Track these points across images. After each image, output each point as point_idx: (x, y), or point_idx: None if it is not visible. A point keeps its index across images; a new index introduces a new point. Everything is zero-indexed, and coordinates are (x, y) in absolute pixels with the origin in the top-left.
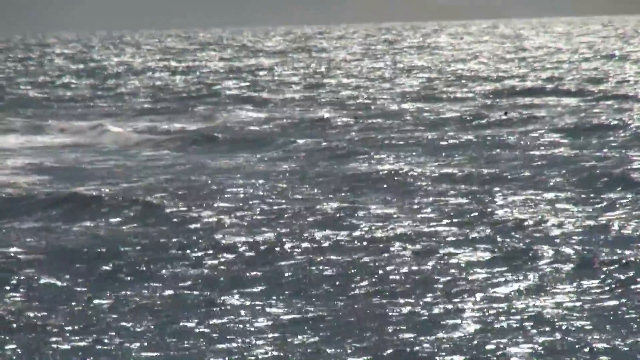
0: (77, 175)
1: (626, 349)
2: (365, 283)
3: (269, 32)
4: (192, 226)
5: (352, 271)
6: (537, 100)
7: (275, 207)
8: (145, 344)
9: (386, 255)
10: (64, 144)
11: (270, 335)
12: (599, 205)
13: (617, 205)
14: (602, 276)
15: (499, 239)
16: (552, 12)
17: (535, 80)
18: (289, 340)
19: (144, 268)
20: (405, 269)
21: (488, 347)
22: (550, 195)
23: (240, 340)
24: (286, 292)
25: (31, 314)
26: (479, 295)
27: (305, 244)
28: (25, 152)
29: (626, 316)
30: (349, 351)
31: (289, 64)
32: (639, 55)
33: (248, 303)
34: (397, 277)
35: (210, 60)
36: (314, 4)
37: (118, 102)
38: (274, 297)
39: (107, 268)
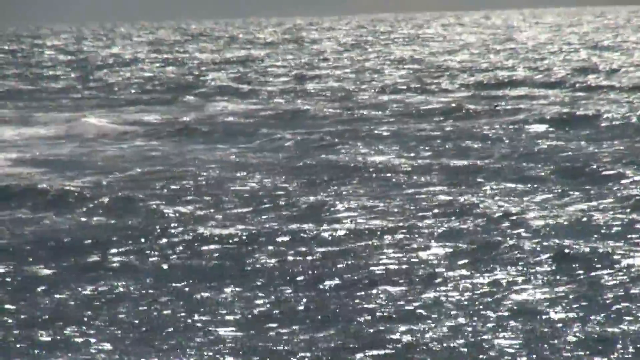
0: (57, 168)
1: (601, 339)
2: (344, 274)
3: (261, 23)
4: (172, 217)
5: (331, 263)
6: (524, 92)
7: (256, 199)
8: (126, 334)
9: (366, 246)
10: (46, 136)
11: (248, 326)
12: (580, 198)
13: (598, 198)
14: (580, 268)
15: (480, 231)
16: (546, 2)
17: (523, 72)
18: (268, 331)
19: (124, 259)
20: (385, 260)
21: (469, 338)
22: (532, 187)
23: (217, 332)
24: (266, 283)
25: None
26: (459, 286)
27: (285, 236)
28: (13, 144)
29: (602, 307)
30: (324, 341)
31: (278, 56)
32: (629, 45)
33: (226, 294)
34: (377, 269)
35: (201, 51)
36: None
37: (105, 93)
38: (253, 288)
39: (86, 260)
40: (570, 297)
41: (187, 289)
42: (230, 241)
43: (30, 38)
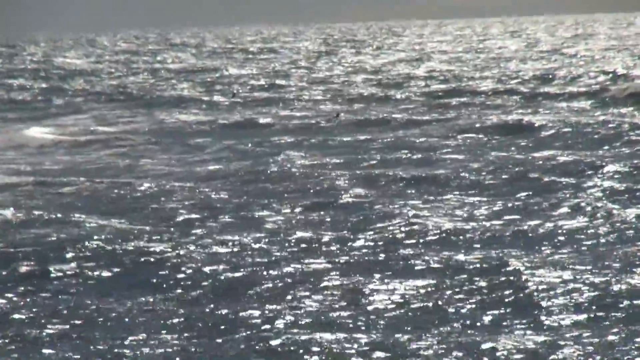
0: None
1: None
2: (266, 284)
3: (243, 32)
4: (89, 230)
5: (252, 273)
6: (476, 100)
7: (183, 211)
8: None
9: (293, 256)
10: None
11: (167, 337)
12: (515, 208)
13: (535, 208)
14: (511, 279)
15: (414, 243)
16: (562, 9)
17: (480, 81)
18: (184, 342)
19: (33, 279)
20: (308, 269)
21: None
22: (469, 198)
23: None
24: (181, 295)
25: None
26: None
27: (209, 248)
28: None
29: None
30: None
31: (246, 65)
32: (597, 54)
33: (142, 308)
34: (282, 283)
35: (173, 61)
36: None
37: (61, 103)
38: (171, 300)
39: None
40: (503, 310)
41: (101, 303)
42: (145, 254)
43: (5, 47)
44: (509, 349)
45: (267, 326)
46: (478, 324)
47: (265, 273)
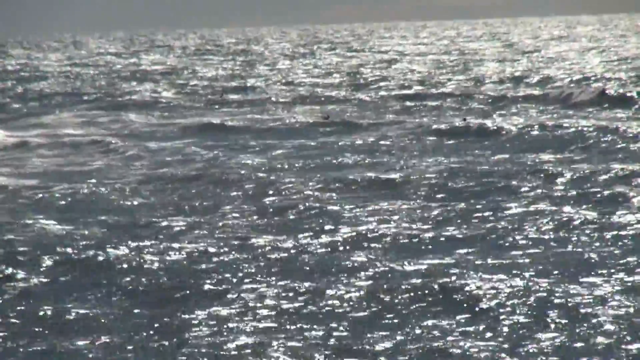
0: None
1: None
2: (204, 291)
3: (231, 33)
4: (41, 234)
5: (197, 278)
6: (435, 103)
7: (113, 216)
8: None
9: (236, 260)
10: None
11: (106, 339)
12: (466, 212)
13: (486, 213)
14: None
15: (365, 247)
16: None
17: (445, 83)
18: (124, 343)
19: None
20: (246, 281)
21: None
22: (422, 202)
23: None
24: (122, 298)
25: None
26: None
27: (163, 254)
28: None
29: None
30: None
31: (220, 66)
32: (571, 55)
33: (85, 310)
34: (233, 287)
35: (152, 62)
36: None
37: (31, 105)
38: (111, 303)
39: None
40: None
41: (49, 307)
42: (83, 257)
43: None
44: (459, 354)
45: (217, 329)
46: (429, 328)
47: (216, 276)
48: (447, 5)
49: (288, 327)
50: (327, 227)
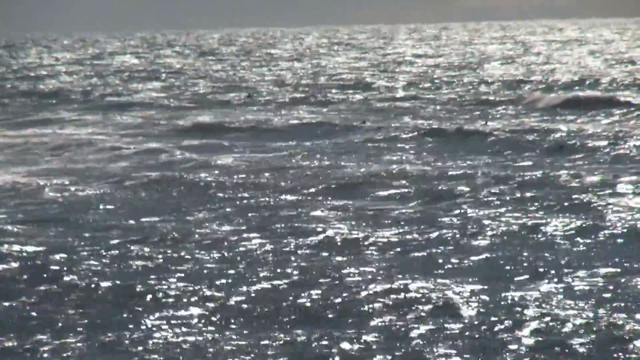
0: None
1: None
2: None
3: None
4: (10, 237)
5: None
6: (402, 107)
7: (107, 220)
8: None
9: (161, 266)
10: None
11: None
12: (414, 218)
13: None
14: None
15: (307, 253)
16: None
17: (414, 88)
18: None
19: None
20: (167, 279)
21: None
22: (381, 205)
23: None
24: (81, 300)
25: None
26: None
27: (107, 257)
28: None
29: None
30: None
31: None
32: (546, 59)
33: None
34: (193, 292)
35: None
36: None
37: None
38: (68, 304)
39: None
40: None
41: None
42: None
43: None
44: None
45: (175, 332)
46: (388, 331)
47: (169, 282)
48: (473, 7)
49: (253, 331)
50: (292, 231)
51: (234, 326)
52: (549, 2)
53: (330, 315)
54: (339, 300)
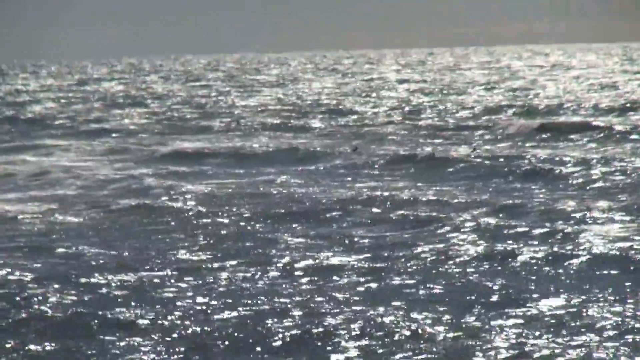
0: None
1: None
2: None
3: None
4: None
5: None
6: (388, 130)
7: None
8: None
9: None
10: None
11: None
12: (375, 244)
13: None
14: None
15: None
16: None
17: (390, 113)
18: None
19: None
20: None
21: None
22: (345, 229)
23: None
24: (47, 332)
25: None
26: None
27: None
28: None
29: None
30: None
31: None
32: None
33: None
34: (148, 312)
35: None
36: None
37: None
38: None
39: None
40: None
41: None
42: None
43: None
44: None
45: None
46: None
47: (133, 304)
48: (458, 32)
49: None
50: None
51: (207, 355)
52: (535, 28)
53: (302, 344)
54: (312, 328)
